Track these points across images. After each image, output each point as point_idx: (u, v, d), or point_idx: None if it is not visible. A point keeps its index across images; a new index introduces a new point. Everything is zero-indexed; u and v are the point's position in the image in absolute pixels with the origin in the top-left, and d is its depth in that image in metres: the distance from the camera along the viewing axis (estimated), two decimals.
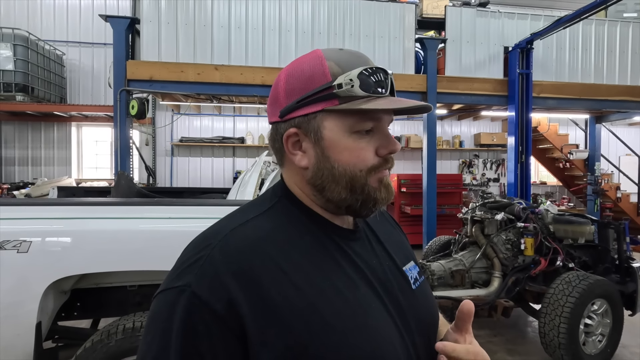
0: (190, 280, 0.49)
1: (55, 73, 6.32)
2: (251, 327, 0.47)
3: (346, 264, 0.56)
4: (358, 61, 0.56)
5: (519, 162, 5.05)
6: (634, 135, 8.45)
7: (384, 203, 0.59)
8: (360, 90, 0.53)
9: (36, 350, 1.61)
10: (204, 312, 0.47)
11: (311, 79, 0.55)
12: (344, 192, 0.56)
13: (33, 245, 1.60)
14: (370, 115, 0.56)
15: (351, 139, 0.56)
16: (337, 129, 0.55)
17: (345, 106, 0.54)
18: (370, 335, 0.52)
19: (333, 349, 0.49)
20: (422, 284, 0.65)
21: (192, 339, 0.47)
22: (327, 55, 0.56)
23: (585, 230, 3.09)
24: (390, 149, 0.57)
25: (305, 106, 0.55)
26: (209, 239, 0.53)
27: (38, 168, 6.78)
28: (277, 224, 0.56)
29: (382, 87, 0.56)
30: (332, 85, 0.54)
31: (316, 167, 0.57)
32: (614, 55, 5.48)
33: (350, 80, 0.53)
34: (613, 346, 2.79)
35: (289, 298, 0.49)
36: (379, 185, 0.57)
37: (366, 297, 0.55)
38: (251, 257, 0.51)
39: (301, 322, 0.49)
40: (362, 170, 0.56)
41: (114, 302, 1.95)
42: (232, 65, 4.45)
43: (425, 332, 0.60)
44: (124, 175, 2.67)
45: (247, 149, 7.27)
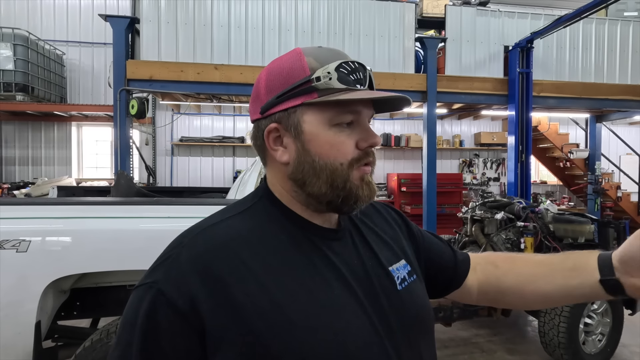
0: (158, 277, 0.51)
1: (55, 73, 6.32)
2: (211, 324, 0.48)
3: (322, 264, 0.56)
4: (336, 56, 0.57)
5: (519, 162, 5.05)
6: (635, 134, 8.44)
7: (366, 200, 0.58)
8: (338, 83, 0.54)
9: (35, 350, 1.61)
10: (167, 308, 0.49)
11: (290, 75, 0.56)
12: (325, 187, 0.56)
13: (32, 244, 1.60)
14: (349, 108, 0.56)
15: (331, 132, 0.56)
16: (317, 122, 0.56)
17: (324, 99, 0.54)
18: (338, 334, 0.51)
19: (295, 349, 0.49)
20: (412, 283, 0.63)
21: (154, 332, 0.49)
22: (305, 52, 0.58)
23: (585, 230, 3.08)
24: (371, 142, 0.57)
25: (285, 101, 0.56)
26: (182, 238, 0.55)
27: (38, 168, 6.79)
28: (252, 223, 0.57)
29: (360, 81, 0.56)
30: (310, 78, 0.54)
31: (297, 161, 0.57)
32: (614, 54, 5.47)
33: (328, 73, 0.54)
34: (613, 345, 2.79)
35: (252, 297, 0.50)
36: (361, 182, 0.57)
37: (340, 298, 0.54)
38: (216, 256, 0.52)
39: (264, 321, 0.49)
40: (343, 164, 0.56)
41: (113, 302, 1.95)
42: (232, 65, 4.45)
43: (411, 333, 0.59)
44: (123, 175, 2.67)
45: (247, 148, 7.27)
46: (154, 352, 0.49)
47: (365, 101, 0.57)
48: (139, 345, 0.49)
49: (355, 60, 0.57)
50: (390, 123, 7.87)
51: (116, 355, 0.51)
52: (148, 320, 0.49)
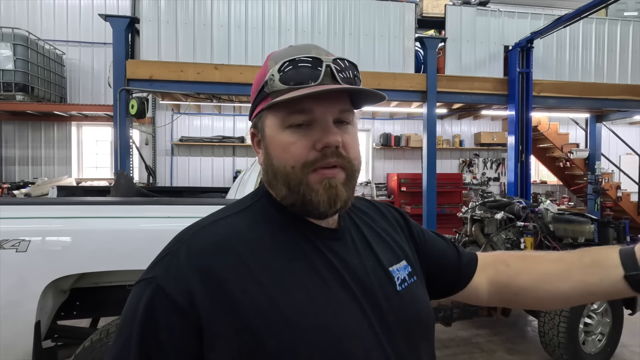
0: (157, 273, 0.52)
1: (55, 73, 6.32)
2: (209, 320, 0.49)
3: (320, 263, 0.56)
4: (295, 54, 0.55)
5: (519, 161, 5.04)
6: (635, 134, 8.44)
7: (326, 207, 0.54)
8: (279, 84, 0.54)
9: (35, 349, 1.61)
10: (165, 304, 0.49)
11: (259, 81, 0.59)
12: (284, 190, 0.56)
13: (32, 244, 1.60)
14: (296, 108, 0.53)
15: (285, 134, 0.55)
16: (273, 125, 0.56)
17: (269, 102, 0.55)
18: (334, 335, 0.51)
19: (291, 347, 0.49)
20: (412, 284, 0.63)
21: (153, 328, 0.49)
22: (272, 55, 0.59)
23: (585, 230, 3.08)
24: (324, 142, 0.53)
25: (255, 107, 0.60)
26: (181, 236, 0.56)
27: (38, 167, 6.78)
28: (250, 222, 0.57)
29: (311, 77, 0.53)
30: (265, 82, 0.56)
31: (265, 164, 0.59)
32: (614, 54, 5.47)
33: (272, 76, 0.54)
34: (613, 345, 2.79)
35: (250, 294, 0.50)
36: (319, 186, 0.54)
37: (338, 298, 0.54)
38: (216, 253, 0.52)
39: (260, 318, 0.49)
40: (295, 167, 0.54)
41: (113, 302, 1.95)
42: (231, 65, 4.45)
43: (410, 334, 0.58)
44: (123, 175, 2.67)
45: (247, 148, 7.27)
46: (152, 346, 0.49)
47: (323, 98, 0.53)
48: (137, 339, 0.49)
49: (309, 56, 0.54)
50: (390, 123, 7.87)
51: (116, 348, 0.51)
52: (147, 315, 0.49)
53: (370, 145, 7.74)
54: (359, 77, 0.58)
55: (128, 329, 0.50)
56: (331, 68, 0.54)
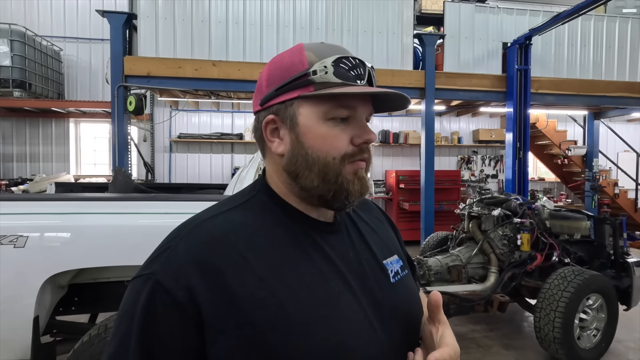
0: (155, 269, 0.52)
1: (52, 69, 6.30)
2: (209, 315, 0.49)
3: (318, 256, 0.57)
4: (336, 52, 0.57)
5: (517, 159, 5.06)
6: (633, 131, 8.46)
7: (358, 196, 0.58)
8: (334, 77, 0.54)
9: (34, 345, 1.62)
10: (165, 299, 0.49)
11: (290, 68, 0.57)
12: (317, 180, 0.56)
13: (30, 240, 1.61)
14: (344, 102, 0.56)
15: (325, 126, 0.56)
16: (312, 115, 0.56)
17: (318, 92, 0.55)
18: (334, 326, 0.52)
19: (292, 339, 0.50)
20: (404, 277, 0.65)
21: (153, 323, 0.49)
22: (307, 47, 0.59)
23: (581, 226, 3.10)
24: (365, 138, 0.57)
25: (283, 94, 0.57)
26: (179, 231, 0.56)
27: (36, 164, 6.77)
28: (248, 216, 0.58)
29: (359, 77, 0.56)
30: (307, 72, 0.55)
31: (291, 153, 0.57)
32: (612, 51, 5.48)
33: (325, 67, 0.54)
34: (608, 340, 2.81)
35: (249, 288, 0.50)
36: (353, 177, 0.57)
37: (335, 289, 0.55)
38: (214, 248, 0.52)
39: (261, 312, 0.50)
40: (335, 158, 0.56)
41: (111, 297, 1.96)
42: (230, 61, 4.44)
43: (404, 324, 0.60)
44: (121, 171, 2.67)
45: (245, 145, 7.27)
46: (152, 342, 0.49)
47: (362, 98, 0.57)
48: (137, 335, 0.49)
49: (356, 57, 0.57)
50: (389, 120, 7.87)
51: (114, 344, 0.51)
52: (146, 311, 0.49)
53: None
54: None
55: (127, 325, 0.50)
56: (370, 73, 0.58)
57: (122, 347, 0.50)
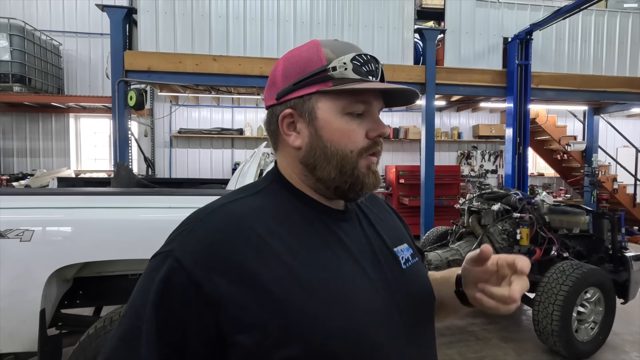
0: (175, 247, 0.53)
1: (52, 64, 6.27)
2: (227, 294, 0.50)
3: (333, 241, 0.59)
4: (351, 49, 0.60)
5: (517, 154, 5.07)
6: (632, 126, 8.47)
7: (371, 188, 0.61)
8: (352, 73, 0.57)
9: (40, 337, 1.64)
10: (182, 276, 0.50)
11: (307, 64, 0.59)
12: (334, 172, 0.59)
13: (35, 234, 1.63)
14: (361, 98, 0.59)
15: (343, 120, 0.59)
16: (331, 110, 0.58)
17: (339, 87, 0.57)
18: (351, 308, 0.53)
19: (311, 318, 0.51)
20: (415, 264, 0.67)
21: (169, 299, 0.51)
22: (323, 43, 0.61)
23: (579, 221, 3.13)
24: (380, 132, 0.60)
25: (301, 88, 0.59)
26: (199, 213, 0.57)
27: (37, 159, 6.77)
28: (265, 203, 0.60)
29: (373, 73, 0.59)
30: (327, 68, 0.57)
31: (309, 146, 0.60)
32: (613, 46, 5.47)
33: (344, 64, 0.57)
34: (605, 333, 2.85)
35: (269, 268, 0.52)
36: (368, 171, 0.60)
37: (351, 273, 0.57)
38: (233, 229, 0.54)
39: (280, 289, 0.51)
40: (353, 151, 0.59)
41: (116, 291, 1.98)
42: (230, 56, 4.43)
43: (417, 309, 0.62)
44: (123, 166, 2.69)
45: (245, 140, 7.27)
46: (166, 316, 0.50)
47: (376, 93, 0.60)
48: (152, 308, 0.50)
49: (369, 54, 0.60)
50: (389, 115, 7.86)
51: (130, 315, 0.53)
52: (163, 285, 0.50)
53: None
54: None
55: (143, 298, 0.51)
56: (382, 70, 0.61)
57: (137, 319, 0.51)
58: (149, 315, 0.50)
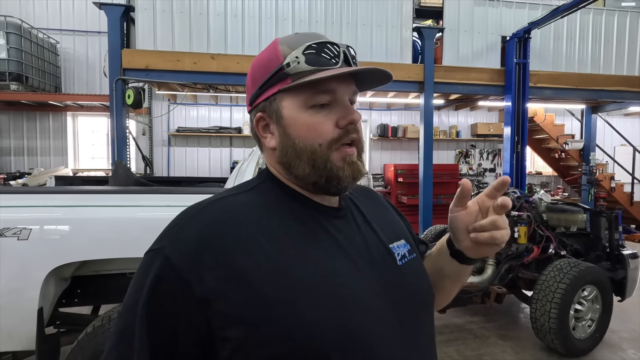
0: (165, 244, 0.53)
1: (49, 62, 6.25)
2: (216, 290, 0.50)
3: (325, 238, 0.58)
4: (309, 39, 0.58)
5: (515, 152, 5.08)
6: (630, 125, 8.49)
7: (350, 181, 0.59)
8: (306, 65, 0.56)
9: (38, 335, 1.64)
10: (171, 273, 0.51)
11: (268, 65, 0.59)
12: (308, 168, 0.58)
13: (33, 232, 1.62)
14: (321, 88, 0.57)
15: (307, 114, 0.58)
16: (294, 106, 0.58)
17: (295, 83, 0.56)
18: (341, 304, 0.53)
19: (300, 314, 0.50)
20: (412, 260, 0.66)
21: (159, 296, 0.51)
22: (280, 41, 0.60)
23: (577, 219, 3.14)
24: (349, 119, 0.58)
25: (265, 91, 0.60)
26: (191, 209, 0.58)
27: (34, 158, 6.75)
28: (257, 200, 0.60)
29: (333, 59, 0.57)
30: (282, 65, 0.57)
31: (281, 145, 0.60)
32: (611, 45, 5.48)
33: (297, 57, 0.56)
34: (602, 331, 2.86)
35: (258, 264, 0.52)
36: (343, 163, 0.58)
37: (342, 269, 0.56)
38: (223, 226, 0.54)
39: (269, 286, 0.51)
40: (322, 145, 0.57)
41: (114, 289, 1.98)
42: (228, 55, 4.42)
43: (413, 306, 0.62)
44: (121, 165, 2.68)
45: (244, 139, 7.26)
46: (158, 314, 0.51)
47: (341, 79, 0.58)
48: (145, 305, 0.51)
49: (328, 40, 0.58)
50: (388, 114, 7.87)
51: (123, 311, 0.53)
52: (154, 283, 0.51)
53: (368, 136, 7.75)
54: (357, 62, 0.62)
55: (135, 295, 0.52)
56: (346, 53, 0.58)
57: (130, 315, 0.52)
58: (140, 313, 0.51)
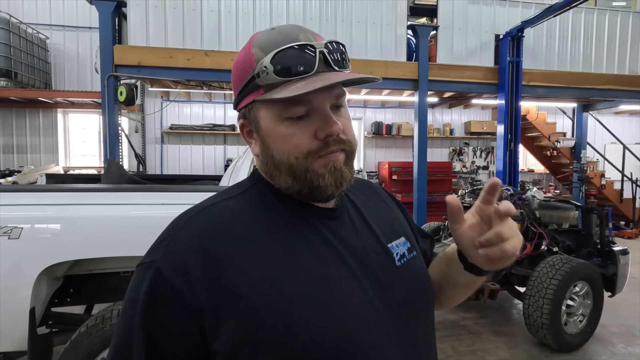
0: (156, 257, 0.52)
1: (39, 58, 6.14)
2: (207, 302, 0.49)
3: (318, 242, 0.56)
4: (284, 40, 0.53)
5: (508, 150, 5.13)
6: (619, 123, 8.62)
7: (334, 189, 0.55)
8: (275, 77, 0.51)
9: (30, 336, 1.62)
10: (164, 287, 0.50)
11: (244, 69, 0.56)
12: (289, 179, 0.56)
13: (24, 231, 1.60)
14: (295, 101, 0.52)
15: (283, 126, 0.54)
16: (269, 117, 0.55)
17: (265, 96, 0.53)
18: (333, 309, 0.52)
19: (292, 323, 0.49)
20: (411, 260, 0.64)
21: (153, 310, 0.51)
22: (255, 40, 0.56)
23: (569, 216, 3.18)
24: (327, 131, 0.53)
25: (243, 98, 0.57)
26: (180, 219, 0.56)
27: (24, 156, 6.64)
28: (247, 205, 0.58)
29: (307, 66, 0.51)
30: (253, 75, 0.53)
31: (262, 155, 0.58)
32: (602, 43, 5.54)
33: (265, 68, 0.52)
34: (593, 326, 2.91)
35: (248, 274, 0.51)
36: (325, 170, 0.55)
37: (336, 274, 0.54)
38: (213, 235, 0.53)
39: (260, 296, 0.50)
40: (298, 157, 0.54)
41: (107, 288, 1.96)
42: (222, 51, 4.38)
43: (411, 308, 0.60)
44: (114, 162, 2.65)
45: (238, 136, 7.21)
46: (154, 329, 0.50)
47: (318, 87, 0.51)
48: (140, 321, 0.51)
49: (297, 43, 0.52)
50: (382, 111, 7.88)
51: (121, 325, 0.53)
52: (148, 299, 0.50)
53: (362, 133, 7.76)
54: (347, 58, 0.56)
55: (131, 309, 0.52)
56: (324, 54, 0.53)
57: (128, 331, 0.51)
58: (137, 327, 0.51)
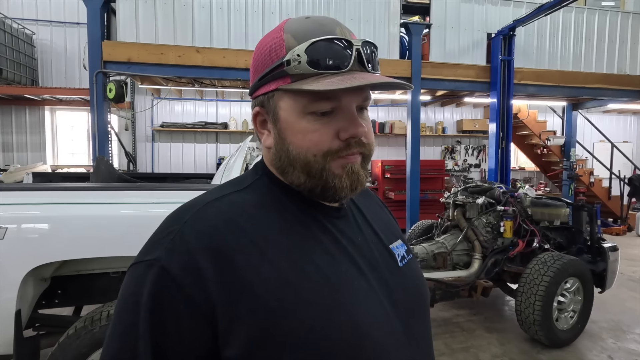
0: (159, 255, 0.47)
1: (25, 54, 5.99)
2: (220, 303, 0.46)
3: (327, 241, 0.55)
4: (319, 31, 0.50)
5: (500, 148, 5.17)
6: (608, 122, 8.76)
7: (348, 192, 0.54)
8: (308, 68, 0.49)
9: (17, 338, 1.57)
10: (171, 288, 0.46)
11: (271, 54, 0.52)
12: (302, 176, 0.53)
13: (9, 231, 1.55)
14: (323, 95, 0.50)
15: (305, 121, 0.51)
16: (291, 109, 0.52)
17: (294, 85, 0.50)
18: (348, 311, 0.50)
19: (307, 324, 0.47)
20: (410, 261, 0.65)
21: (160, 313, 0.46)
22: (287, 27, 0.53)
23: (560, 213, 3.21)
24: (352, 133, 0.51)
25: (264, 84, 0.53)
26: (183, 213, 0.51)
27: (10, 154, 6.49)
28: (255, 200, 0.55)
29: (342, 63, 0.49)
30: (282, 62, 0.50)
31: (275, 149, 0.55)
32: (591, 43, 5.62)
33: (298, 56, 0.49)
34: (583, 322, 2.95)
35: (262, 274, 0.48)
36: (342, 171, 0.53)
37: (347, 274, 0.53)
38: (224, 232, 0.49)
39: (274, 297, 0.47)
40: (316, 155, 0.52)
41: (96, 289, 1.92)
42: (214, 48, 4.33)
43: (415, 308, 0.60)
44: (103, 160, 2.59)
45: (230, 134, 7.16)
46: (161, 333, 0.46)
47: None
48: (146, 324, 0.45)
49: (337, 36, 0.50)
50: (375, 109, 7.88)
51: (118, 334, 0.47)
52: (153, 300, 0.46)
53: None
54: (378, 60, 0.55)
55: (132, 314, 0.46)
56: (360, 52, 0.51)
57: (130, 337, 0.46)
58: (143, 333, 0.45)
